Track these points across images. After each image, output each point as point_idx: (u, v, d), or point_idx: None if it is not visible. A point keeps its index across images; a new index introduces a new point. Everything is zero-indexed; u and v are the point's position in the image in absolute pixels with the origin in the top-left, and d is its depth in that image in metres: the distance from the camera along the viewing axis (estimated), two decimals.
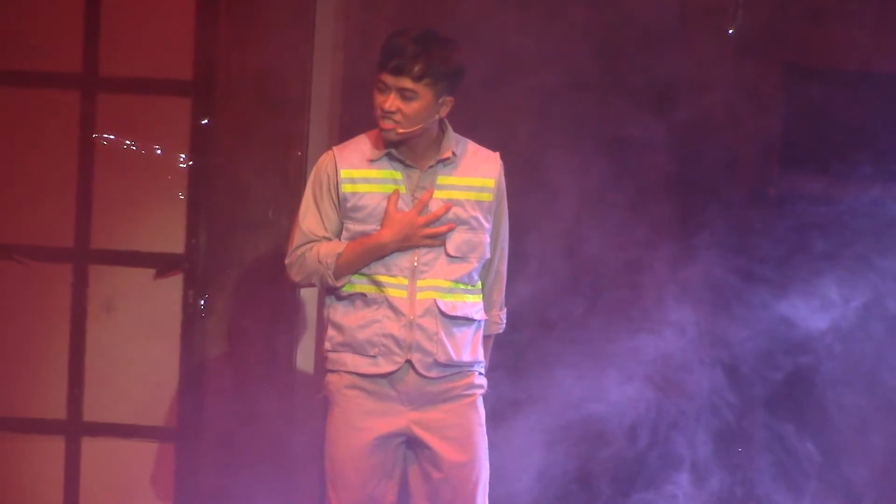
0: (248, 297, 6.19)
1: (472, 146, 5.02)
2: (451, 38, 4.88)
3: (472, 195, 4.95)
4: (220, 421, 6.19)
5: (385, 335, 4.91)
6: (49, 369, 6.25)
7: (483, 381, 5.02)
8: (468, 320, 4.95)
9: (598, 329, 5.99)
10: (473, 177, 4.95)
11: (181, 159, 6.19)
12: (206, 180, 6.19)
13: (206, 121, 6.17)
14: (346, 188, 4.94)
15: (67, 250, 6.23)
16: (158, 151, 6.18)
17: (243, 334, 6.19)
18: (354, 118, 6.17)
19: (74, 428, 6.27)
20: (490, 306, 5.10)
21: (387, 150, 4.93)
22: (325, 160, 4.99)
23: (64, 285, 6.25)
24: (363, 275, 4.93)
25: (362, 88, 6.10)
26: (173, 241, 6.22)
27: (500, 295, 5.13)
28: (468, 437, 4.94)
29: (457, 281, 4.93)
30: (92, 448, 6.27)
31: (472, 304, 4.96)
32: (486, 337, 5.10)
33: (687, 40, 6.07)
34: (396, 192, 4.90)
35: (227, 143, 6.16)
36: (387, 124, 4.84)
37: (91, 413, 6.26)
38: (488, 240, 4.98)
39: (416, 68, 4.81)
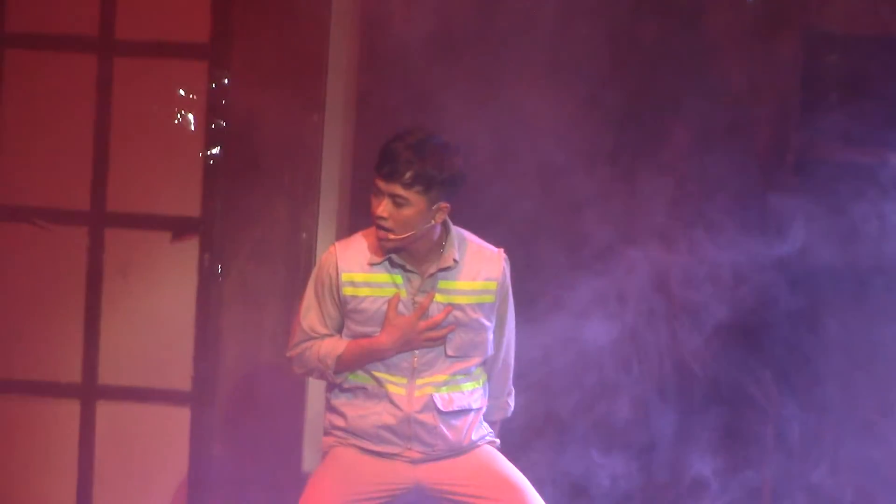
0: (264, 261, 6.19)
1: (473, 246, 4.96)
2: (451, 143, 4.82)
3: (474, 298, 4.91)
4: (234, 384, 6.19)
5: (384, 427, 4.91)
6: (64, 333, 6.25)
7: (491, 438, 5.04)
8: (466, 410, 4.94)
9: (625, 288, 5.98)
10: (475, 280, 4.91)
11: (198, 122, 6.18)
12: (223, 144, 6.18)
13: (224, 82, 6.16)
14: (346, 291, 4.92)
15: (83, 213, 6.23)
16: (175, 114, 6.18)
17: (259, 298, 6.19)
18: (372, 83, 6.18)
19: (89, 391, 6.27)
20: (497, 394, 5.08)
21: (387, 256, 4.90)
22: (327, 260, 4.96)
23: (80, 248, 6.25)
24: (364, 370, 4.94)
25: (381, 54, 6.12)
26: (189, 204, 6.22)
27: (507, 383, 5.10)
28: (481, 455, 4.97)
29: (454, 374, 4.93)
30: (107, 411, 6.27)
31: (469, 392, 4.95)
32: (492, 423, 5.09)
33: (707, 6, 6.05)
34: (397, 296, 4.88)
35: (243, 107, 6.15)
36: (381, 233, 4.82)
37: (106, 376, 6.26)
38: (491, 337, 4.96)
39: (407, 175, 4.73)
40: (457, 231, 4.95)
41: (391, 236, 4.80)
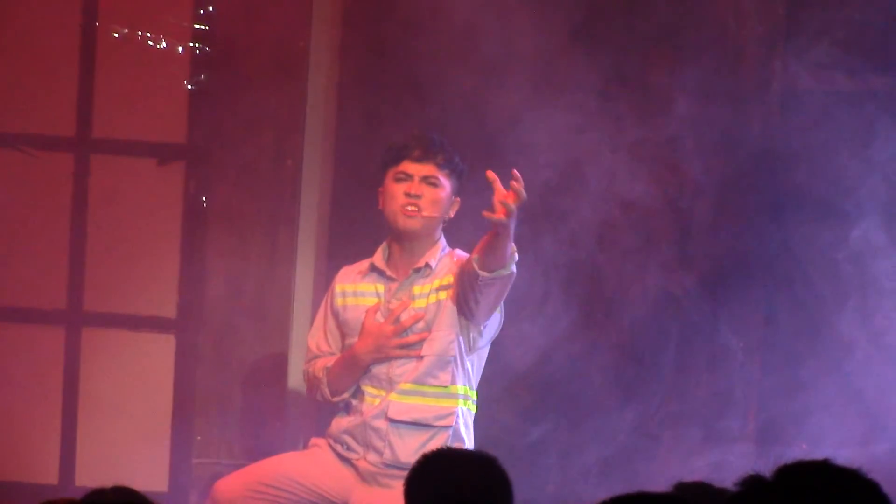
0: (250, 188, 6.18)
1: (457, 257, 4.99)
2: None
3: (436, 297, 4.93)
4: (219, 311, 6.19)
5: (346, 431, 4.98)
6: (49, 259, 6.24)
7: None
8: (425, 426, 4.92)
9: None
10: (438, 279, 4.95)
11: (184, 48, 6.16)
12: (208, 70, 6.17)
13: (209, 8, 6.14)
14: (338, 302, 5.07)
15: (69, 139, 6.22)
16: (161, 40, 6.16)
17: (244, 224, 6.18)
18: (357, 8, 6.16)
19: (75, 318, 6.26)
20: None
21: (370, 262, 5.00)
22: (335, 278, 5.13)
23: (65, 175, 6.24)
24: (357, 385, 5.01)
25: None
26: (175, 130, 6.21)
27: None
28: None
29: (417, 382, 4.93)
30: (92, 338, 6.27)
31: (435, 408, 4.93)
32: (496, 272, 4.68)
33: None
34: (377, 304, 4.96)
35: (228, 32, 6.14)
36: (409, 211, 4.89)
37: (91, 303, 6.26)
38: (452, 337, 4.91)
39: (440, 156, 4.92)
40: (447, 246, 5.01)
41: (423, 213, 4.88)
